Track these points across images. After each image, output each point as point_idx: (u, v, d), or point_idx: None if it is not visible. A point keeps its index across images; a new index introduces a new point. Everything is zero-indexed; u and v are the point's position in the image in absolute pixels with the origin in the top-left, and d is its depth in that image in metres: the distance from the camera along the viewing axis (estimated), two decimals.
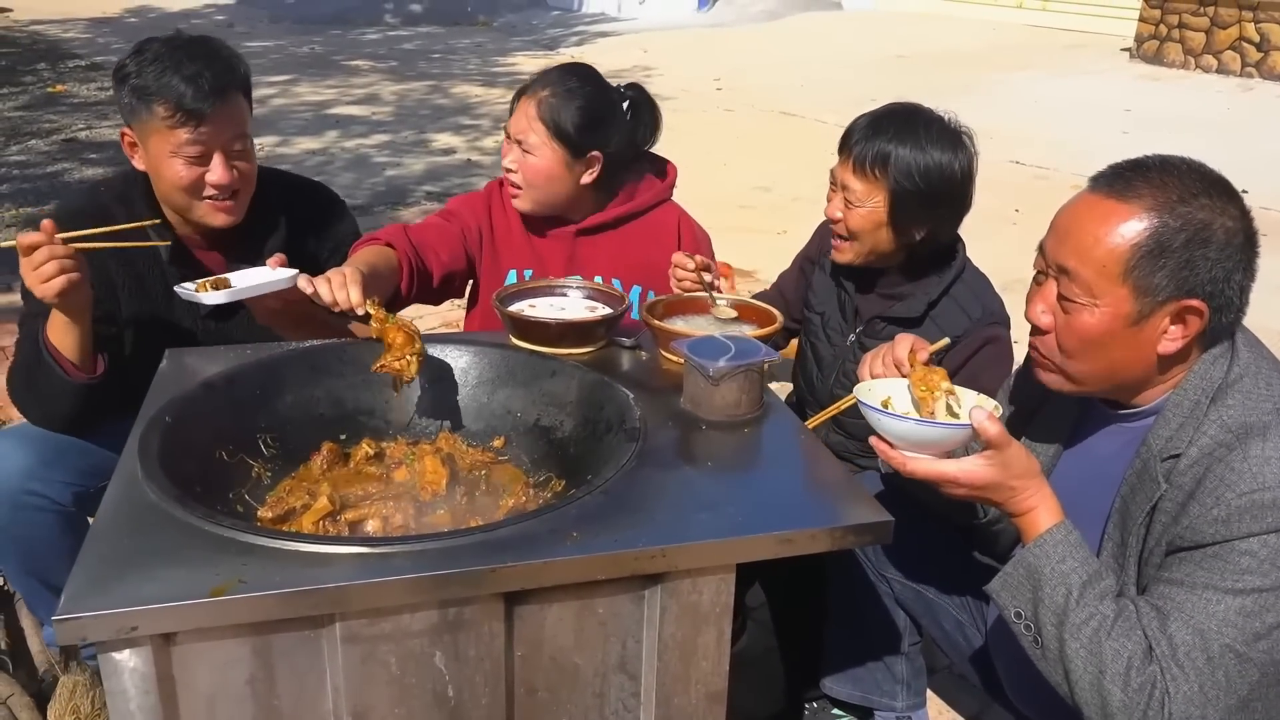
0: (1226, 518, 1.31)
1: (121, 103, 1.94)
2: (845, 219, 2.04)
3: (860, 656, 2.00)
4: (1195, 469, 1.36)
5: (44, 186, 6.20)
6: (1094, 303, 1.40)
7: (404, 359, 1.68)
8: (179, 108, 1.87)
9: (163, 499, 1.33)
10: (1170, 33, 10.06)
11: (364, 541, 1.30)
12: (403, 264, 2.05)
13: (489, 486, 1.65)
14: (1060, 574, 1.36)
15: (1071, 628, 1.34)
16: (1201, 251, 1.36)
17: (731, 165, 6.94)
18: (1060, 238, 1.44)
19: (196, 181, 1.94)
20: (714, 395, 1.64)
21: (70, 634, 1.14)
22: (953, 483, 1.41)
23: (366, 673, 1.26)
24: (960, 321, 2.02)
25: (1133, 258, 1.37)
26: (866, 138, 2.00)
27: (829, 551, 1.43)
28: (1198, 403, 1.41)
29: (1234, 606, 1.30)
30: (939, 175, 1.97)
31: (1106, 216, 1.39)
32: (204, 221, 2.00)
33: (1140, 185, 1.39)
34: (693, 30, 13.24)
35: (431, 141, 7.74)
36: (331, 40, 12.19)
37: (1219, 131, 7.37)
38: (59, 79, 9.45)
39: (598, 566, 1.29)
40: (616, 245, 2.32)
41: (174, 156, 1.91)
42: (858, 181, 2.00)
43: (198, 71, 1.89)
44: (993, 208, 5.84)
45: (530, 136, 2.16)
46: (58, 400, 1.89)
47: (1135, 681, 1.29)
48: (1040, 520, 1.40)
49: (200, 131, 1.90)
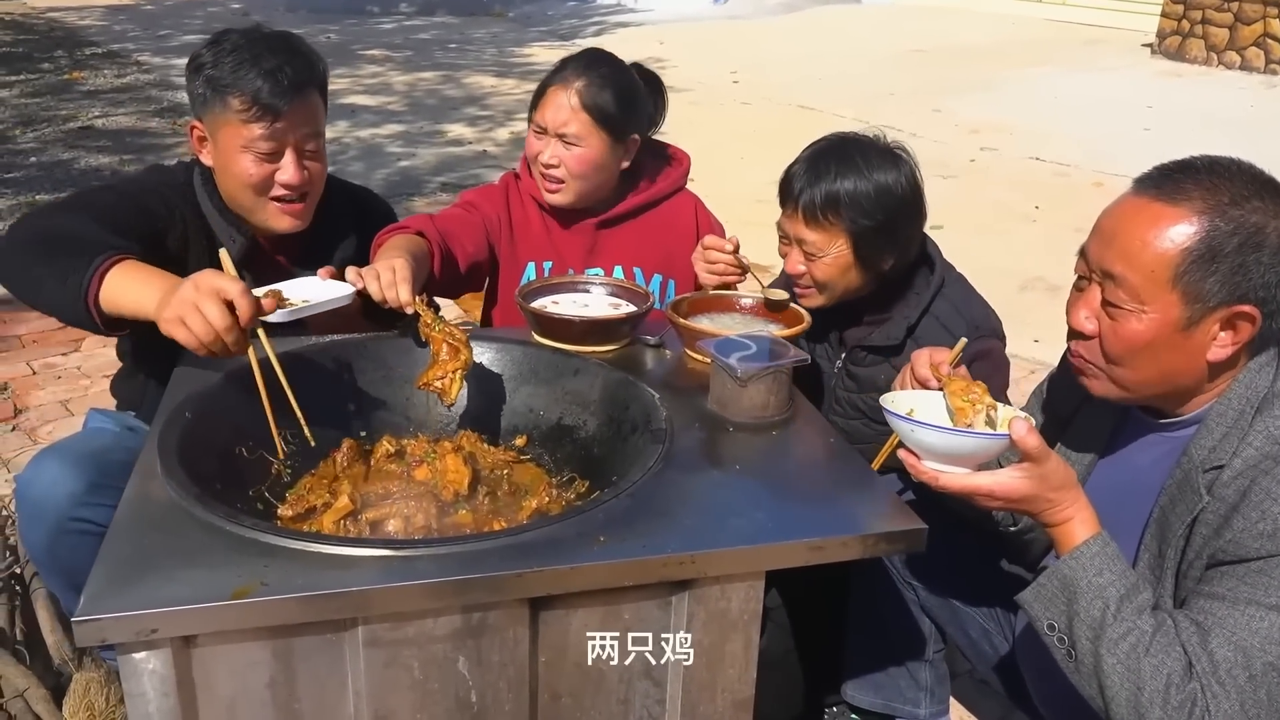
0: (1273, 532, 1.27)
1: (194, 94, 1.89)
2: (809, 271, 1.95)
3: (883, 662, 1.97)
4: (1240, 481, 1.33)
5: (59, 174, 6.20)
6: (1141, 309, 1.36)
7: (446, 377, 1.65)
8: (255, 102, 1.83)
9: (183, 497, 1.31)
10: (1193, 28, 9.95)
11: (387, 544, 1.28)
12: (434, 254, 2.01)
13: (511, 487, 1.63)
14: (1097, 587, 1.33)
15: (1108, 643, 1.30)
16: (1255, 256, 1.31)
17: (748, 159, 6.89)
18: (1105, 241, 1.40)
19: (266, 179, 1.89)
20: (741, 396, 1.61)
21: (90, 635, 1.12)
22: (988, 496, 1.37)
23: (389, 677, 1.24)
24: (944, 340, 1.95)
25: (1183, 263, 1.32)
26: (810, 184, 1.90)
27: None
28: (1242, 413, 1.37)
29: (1278, 624, 1.26)
30: (890, 199, 1.89)
31: (1155, 220, 1.35)
32: (268, 225, 1.95)
33: (1190, 187, 1.34)
34: (709, 22, 13.17)
35: (445, 132, 7.72)
36: (347, 29, 12.16)
37: (1243, 129, 7.28)
38: (75, 66, 9.45)
39: (625, 572, 1.27)
40: (636, 236, 2.30)
41: (245, 151, 1.86)
42: (813, 233, 1.91)
43: (277, 66, 1.84)
44: (1012, 205, 5.79)
45: (572, 127, 2.12)
46: (57, 304, 1.63)
47: (1175, 699, 1.26)
48: (1076, 532, 1.36)
49: (275, 127, 1.85)
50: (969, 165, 6.58)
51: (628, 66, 2.24)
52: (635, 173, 2.29)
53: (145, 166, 2.03)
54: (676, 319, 1.86)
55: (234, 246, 1.95)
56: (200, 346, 1.47)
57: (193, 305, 1.46)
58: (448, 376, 1.65)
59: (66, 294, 1.57)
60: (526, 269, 2.26)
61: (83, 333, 3.99)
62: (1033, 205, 5.80)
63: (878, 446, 1.98)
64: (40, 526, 1.72)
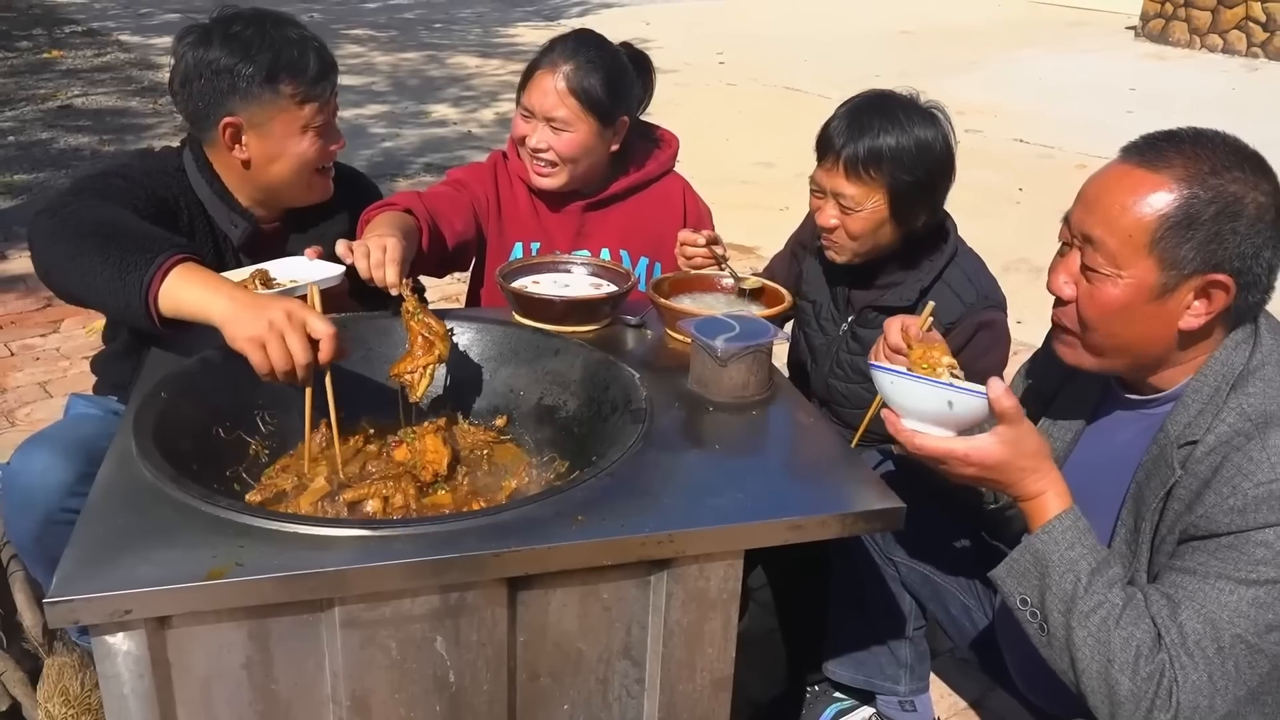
0: (1243, 507, 1.28)
1: (234, 90, 1.83)
2: (843, 224, 1.95)
3: (864, 640, 1.97)
4: (1212, 457, 1.34)
5: (38, 153, 6.13)
6: (1118, 273, 1.37)
7: (416, 371, 1.63)
8: (310, 81, 1.85)
9: (158, 478, 1.30)
10: (1176, 11, 9.96)
11: (364, 524, 1.27)
12: (423, 231, 2.00)
13: (491, 467, 1.63)
14: (1069, 561, 1.34)
15: (1079, 615, 1.32)
16: (1231, 225, 1.32)
17: (734, 140, 6.87)
18: (1088, 206, 1.41)
19: (324, 154, 1.93)
20: (722, 376, 1.60)
21: (63, 617, 1.11)
22: (962, 461, 1.37)
23: (366, 657, 1.24)
24: (955, 307, 1.97)
25: (1160, 228, 1.34)
26: (852, 138, 1.89)
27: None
28: (1218, 389, 1.38)
29: (1247, 597, 1.27)
30: (931, 156, 1.91)
31: (1136, 186, 1.36)
32: (308, 198, 1.97)
33: (1172, 155, 1.36)
34: (695, 3, 13.10)
35: (429, 113, 7.66)
36: (331, 9, 12.03)
37: (1225, 111, 7.30)
38: (55, 44, 9.33)
39: (604, 552, 1.27)
40: (624, 217, 2.29)
41: (305, 132, 1.88)
42: (852, 186, 1.91)
43: (305, 42, 1.86)
44: (996, 186, 5.79)
45: (560, 111, 2.10)
46: (109, 297, 1.55)
47: (1144, 670, 1.27)
48: (1049, 506, 1.37)
49: (325, 100, 1.89)
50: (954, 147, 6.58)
51: (617, 48, 2.23)
52: (624, 155, 2.27)
53: (134, 152, 2.00)
54: (657, 299, 1.85)
55: (237, 233, 1.95)
56: (270, 373, 1.45)
57: (279, 334, 1.43)
58: (417, 371, 1.63)
59: (125, 288, 1.52)
60: (514, 249, 2.25)
61: (61, 314, 3.97)
62: (1016, 187, 5.80)
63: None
64: (29, 516, 1.70)
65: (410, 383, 1.64)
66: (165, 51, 9.46)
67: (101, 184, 1.77)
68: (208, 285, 1.51)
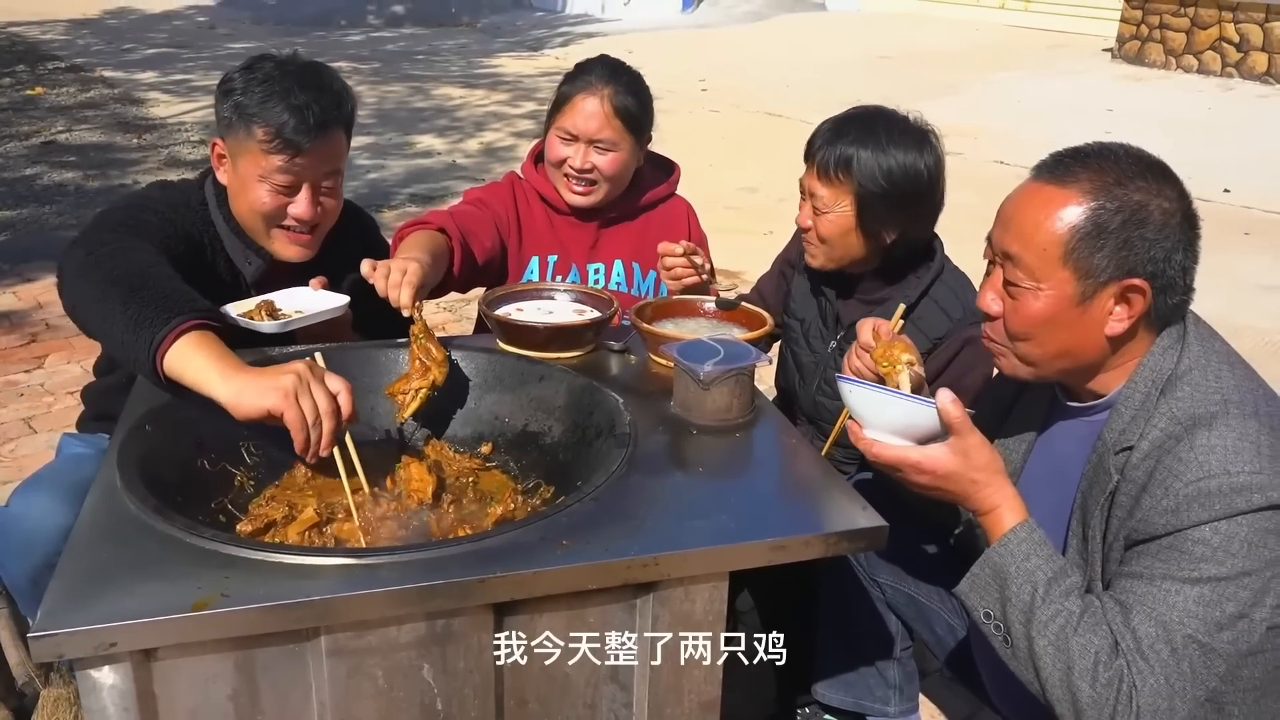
0: (1175, 508, 1.32)
1: (220, 115, 1.87)
2: (815, 226, 2.02)
3: (852, 661, 1.98)
4: (1147, 461, 1.37)
5: (22, 189, 6.13)
6: (1037, 286, 1.42)
7: (408, 393, 1.66)
8: (278, 135, 1.82)
9: (143, 510, 1.30)
10: (1151, 33, 10.11)
11: (349, 553, 1.28)
12: (455, 250, 2.05)
13: (476, 494, 1.63)
14: (1025, 572, 1.37)
15: (1039, 625, 1.34)
16: (1139, 232, 1.38)
17: (717, 166, 6.93)
18: (1004, 225, 1.47)
19: (278, 210, 1.88)
20: (704, 399, 1.62)
21: (47, 651, 1.11)
22: (915, 468, 1.41)
23: (353, 686, 1.24)
24: (941, 323, 2.00)
25: (1071, 240, 1.39)
26: (829, 143, 1.97)
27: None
28: (1148, 395, 1.42)
29: (1192, 596, 1.30)
30: (903, 175, 1.95)
31: (1047, 202, 1.42)
32: (275, 252, 1.94)
33: (1079, 170, 1.41)
34: (677, 31, 13.23)
35: (414, 144, 7.70)
36: (314, 41, 12.11)
37: (1201, 131, 7.40)
38: (38, 81, 9.35)
39: (589, 576, 1.27)
40: (635, 234, 2.39)
41: (262, 182, 1.85)
42: (823, 187, 1.98)
43: (305, 103, 1.83)
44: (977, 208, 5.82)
45: (606, 133, 2.20)
46: (121, 347, 1.56)
47: (1103, 677, 1.30)
48: (1004, 519, 1.40)
49: (295, 163, 1.84)
50: None
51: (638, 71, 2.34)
52: (636, 175, 2.38)
53: (155, 184, 2.00)
54: (640, 324, 1.87)
55: (250, 269, 1.96)
56: (302, 426, 1.45)
57: (306, 386, 1.46)
58: (409, 392, 1.67)
59: (136, 342, 1.52)
60: (531, 263, 2.32)
61: (45, 349, 3.96)
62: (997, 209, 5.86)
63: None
64: (28, 559, 1.69)
65: (401, 403, 1.68)
66: (149, 86, 9.52)
67: (133, 219, 1.78)
68: (211, 359, 1.49)
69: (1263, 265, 4.82)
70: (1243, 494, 1.29)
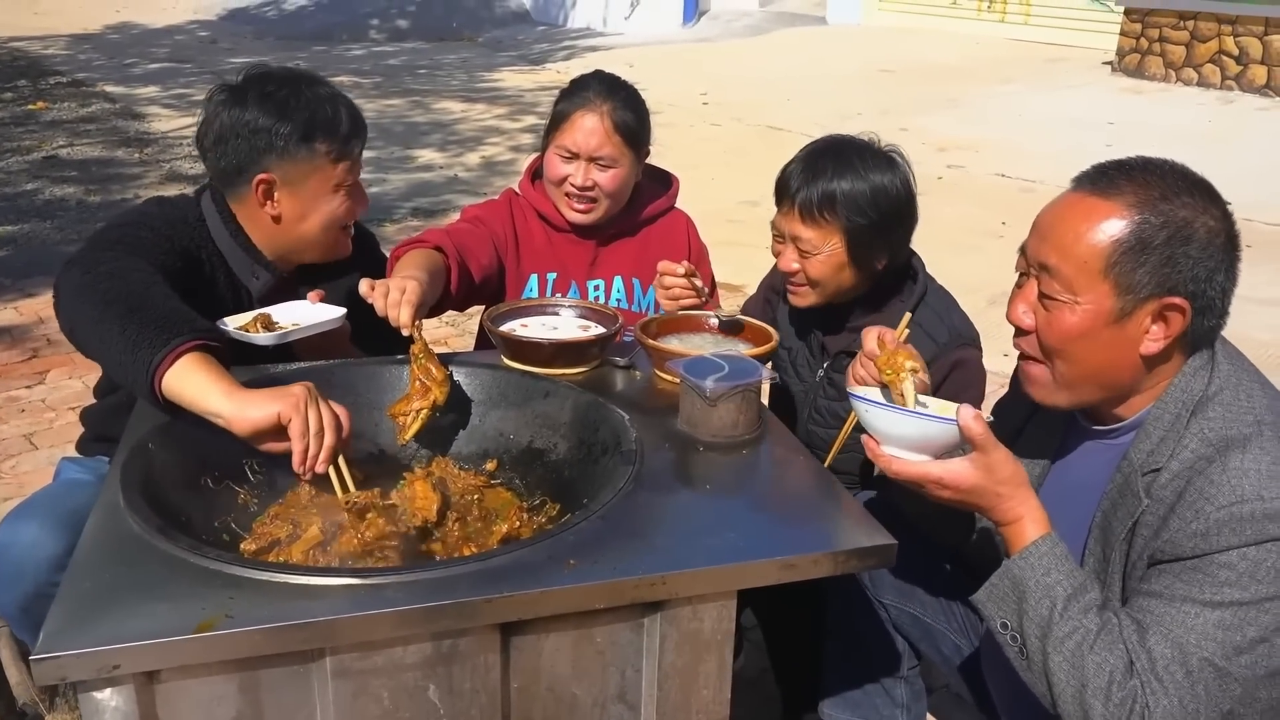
0: (1205, 531, 1.30)
1: (271, 148, 1.85)
2: (803, 269, 1.98)
3: (859, 680, 1.96)
4: (1176, 482, 1.35)
5: (23, 204, 6.14)
6: (1075, 300, 1.39)
7: (409, 414, 1.66)
8: (343, 139, 1.88)
9: (146, 530, 1.29)
10: (1151, 46, 10.13)
11: (354, 573, 1.26)
12: (452, 269, 2.05)
13: (481, 512, 1.62)
14: (1045, 586, 1.35)
15: (1055, 641, 1.33)
16: (1183, 249, 1.35)
17: (719, 180, 6.93)
18: (1042, 235, 1.44)
19: (352, 212, 1.95)
20: (711, 416, 1.61)
21: (50, 673, 1.10)
22: (937, 484, 1.40)
23: (358, 708, 1.23)
24: (927, 347, 1.96)
25: (1114, 253, 1.36)
26: (806, 183, 1.93)
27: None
28: (1178, 416, 1.39)
29: (1213, 620, 1.28)
30: (885, 199, 1.93)
31: (1089, 213, 1.39)
32: (329, 255, 1.99)
33: (1123, 183, 1.39)
34: (678, 45, 13.27)
35: (415, 158, 7.71)
36: (316, 56, 12.14)
37: (1201, 144, 7.41)
38: (39, 96, 9.37)
39: (596, 595, 1.26)
40: (634, 249, 2.38)
41: (337, 191, 1.90)
42: (808, 230, 1.94)
43: (336, 100, 1.88)
44: (979, 221, 5.85)
45: (607, 150, 2.19)
46: (117, 367, 1.57)
47: (1116, 696, 1.28)
48: (1027, 531, 1.39)
49: (356, 160, 1.91)
50: (937, 183, 6.65)
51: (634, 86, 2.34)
52: (634, 190, 2.37)
53: (151, 200, 2.00)
54: (645, 340, 1.86)
55: (258, 285, 1.96)
56: (305, 435, 1.47)
57: (315, 399, 1.50)
58: (410, 414, 1.66)
59: (134, 364, 1.52)
60: (530, 281, 2.31)
61: (47, 365, 3.95)
62: (999, 221, 5.86)
63: (854, 458, 2.01)
64: (17, 588, 1.68)
65: (402, 424, 1.67)
66: (150, 101, 9.55)
67: (129, 236, 1.77)
68: (211, 378, 1.50)
69: (1264, 278, 4.82)
70: (1276, 520, 1.27)
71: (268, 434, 1.48)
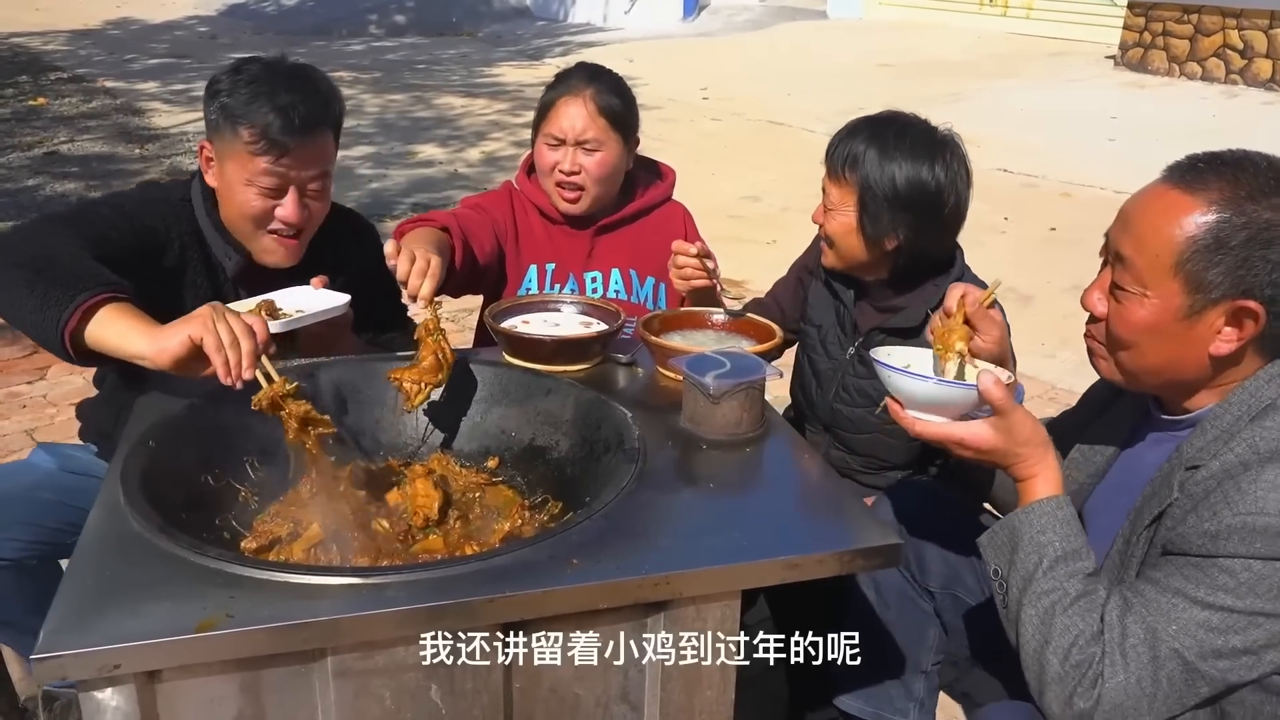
0: (1216, 533, 1.29)
1: (208, 117, 1.87)
2: (824, 224, 2.05)
3: (879, 673, 1.94)
4: (1209, 482, 1.34)
5: (24, 200, 6.13)
6: (1144, 293, 1.37)
7: (420, 383, 1.64)
8: (264, 136, 1.81)
9: (146, 528, 1.28)
10: (1154, 40, 10.10)
11: (355, 572, 1.25)
12: (457, 249, 2.05)
13: (483, 510, 1.61)
14: (1037, 543, 1.38)
15: (1032, 595, 1.36)
16: (1262, 252, 1.31)
17: (720, 175, 6.92)
18: (1123, 225, 1.42)
19: (265, 213, 1.87)
20: (714, 414, 1.60)
21: (50, 673, 1.09)
22: (959, 444, 1.44)
23: (359, 708, 1.22)
24: None
25: (1187, 250, 1.33)
26: (842, 140, 2.00)
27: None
28: (1239, 419, 1.37)
29: (1198, 618, 1.28)
30: (905, 183, 1.94)
31: (1170, 207, 1.36)
32: (261, 256, 1.93)
33: (1210, 178, 1.35)
34: (678, 40, 13.24)
35: (416, 153, 7.70)
36: (315, 51, 12.12)
37: (1206, 138, 7.37)
38: (40, 92, 9.37)
39: (600, 595, 1.25)
40: (631, 240, 2.38)
41: (248, 185, 1.85)
42: (834, 186, 2.01)
43: (291, 103, 1.81)
44: (982, 216, 5.80)
45: (591, 133, 2.21)
46: (32, 330, 1.58)
47: (1074, 658, 1.31)
48: (1037, 489, 1.42)
49: (281, 164, 1.83)
50: None
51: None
52: (629, 183, 2.39)
53: (139, 183, 2.00)
54: (648, 336, 1.85)
55: (230, 264, 1.94)
56: (220, 348, 1.46)
57: (222, 315, 1.49)
58: (420, 383, 1.64)
59: (43, 323, 1.54)
60: (529, 271, 2.32)
61: (49, 360, 3.94)
62: (1002, 216, 5.85)
63: (879, 438, 2.09)
64: None
65: (409, 392, 1.64)
66: (151, 96, 9.53)
67: (83, 211, 1.79)
68: (133, 323, 1.52)
69: None
70: None
71: (190, 361, 1.48)
